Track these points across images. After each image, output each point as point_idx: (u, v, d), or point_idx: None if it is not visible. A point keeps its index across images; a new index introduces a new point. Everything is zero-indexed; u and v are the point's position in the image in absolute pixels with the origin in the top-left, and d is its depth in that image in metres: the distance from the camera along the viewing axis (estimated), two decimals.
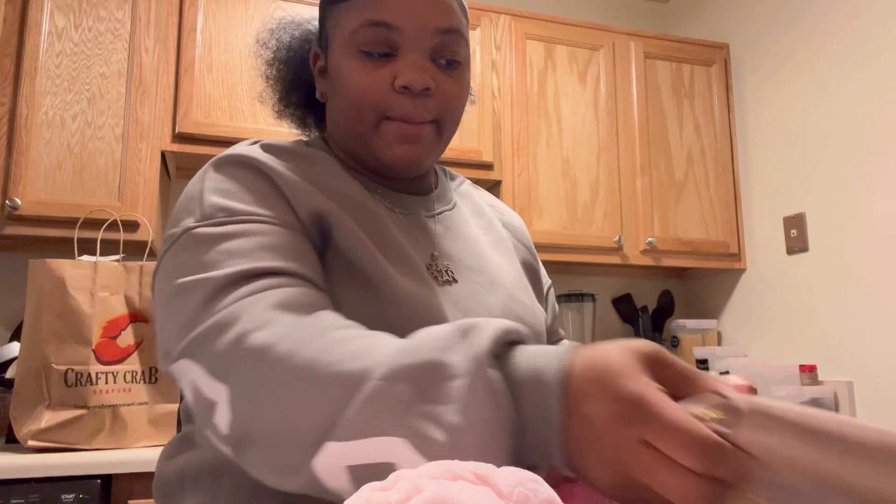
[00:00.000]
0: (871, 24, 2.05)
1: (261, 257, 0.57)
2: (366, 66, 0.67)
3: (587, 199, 2.30)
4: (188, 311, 0.55)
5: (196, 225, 0.60)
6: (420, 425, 0.43)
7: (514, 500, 0.33)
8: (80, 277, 1.55)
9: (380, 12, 0.66)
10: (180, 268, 0.58)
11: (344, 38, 0.68)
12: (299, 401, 0.46)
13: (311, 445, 0.45)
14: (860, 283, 2.04)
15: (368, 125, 0.68)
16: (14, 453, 1.45)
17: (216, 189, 0.63)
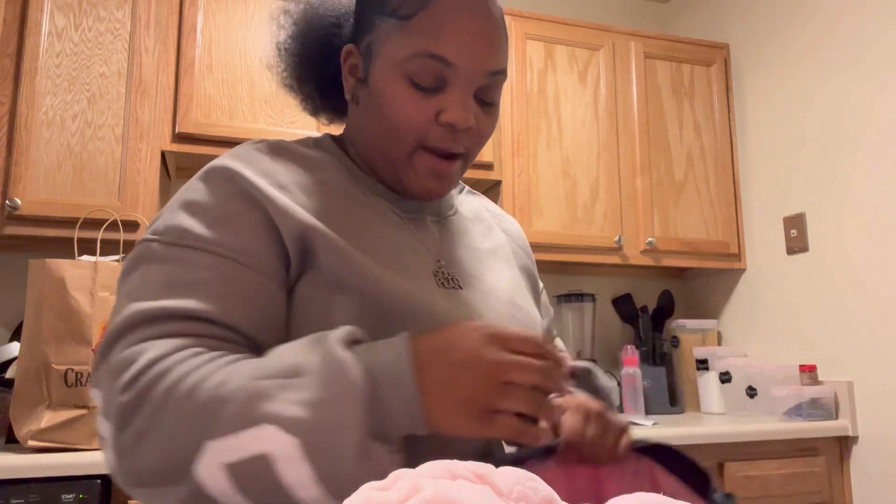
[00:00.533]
0: (872, 24, 2.05)
1: (183, 295, 0.58)
2: (414, 96, 0.66)
3: (587, 199, 2.30)
4: (113, 333, 0.58)
5: (148, 239, 0.62)
6: (284, 409, 0.48)
7: (514, 498, 0.33)
8: (80, 277, 1.55)
9: (439, 46, 0.65)
10: (123, 281, 0.62)
11: (394, 59, 0.67)
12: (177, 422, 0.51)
13: (192, 451, 0.50)
14: (860, 283, 2.04)
15: (403, 153, 0.68)
16: (14, 453, 1.44)
17: (187, 203, 0.63)
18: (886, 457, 1.94)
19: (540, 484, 0.35)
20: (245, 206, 0.63)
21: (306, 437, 0.48)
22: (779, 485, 1.92)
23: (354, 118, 0.74)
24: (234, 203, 0.63)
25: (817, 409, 2.04)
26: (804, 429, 1.96)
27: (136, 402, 0.53)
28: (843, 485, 2.02)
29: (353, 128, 0.75)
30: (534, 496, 0.34)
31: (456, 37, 0.65)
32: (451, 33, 0.65)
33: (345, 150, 0.77)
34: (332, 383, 0.49)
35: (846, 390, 2.04)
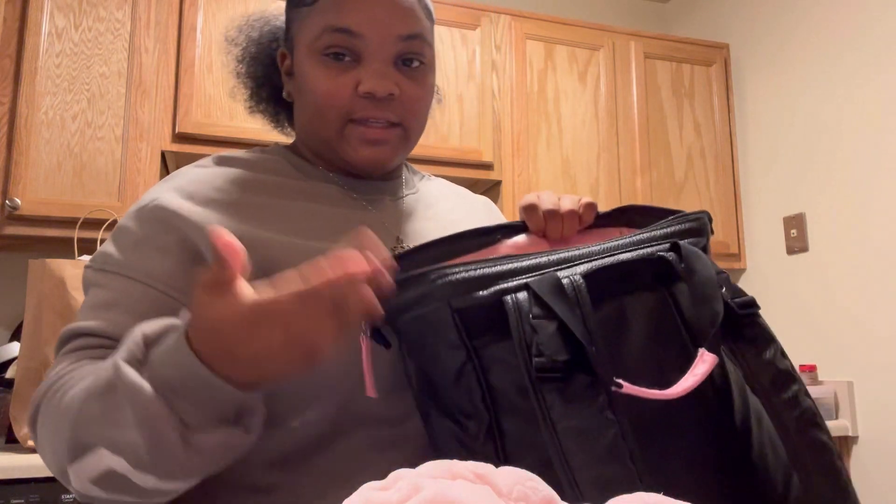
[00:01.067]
0: (872, 24, 2.05)
1: (92, 316, 0.63)
2: (329, 72, 0.68)
3: None
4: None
5: (88, 265, 0.68)
6: (108, 432, 0.52)
7: (514, 498, 0.33)
8: (79, 277, 1.54)
9: (341, 19, 0.67)
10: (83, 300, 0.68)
11: (308, 42, 0.69)
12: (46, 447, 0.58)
13: (62, 476, 0.56)
14: (860, 283, 2.04)
15: (333, 129, 0.70)
16: (14, 453, 1.45)
17: (117, 231, 0.69)
18: (886, 457, 1.94)
19: (540, 484, 0.35)
20: (159, 230, 0.66)
21: (130, 455, 0.51)
22: None
23: (295, 114, 0.77)
24: (150, 228, 0.67)
25: None
26: None
27: (31, 419, 0.61)
28: None
29: (296, 123, 0.78)
30: (534, 496, 0.34)
31: (357, 7, 0.67)
32: (351, 4, 0.67)
33: (294, 151, 0.79)
34: (135, 407, 0.50)
35: (846, 390, 2.04)
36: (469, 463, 0.36)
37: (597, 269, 0.57)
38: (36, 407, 0.60)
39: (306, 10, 0.70)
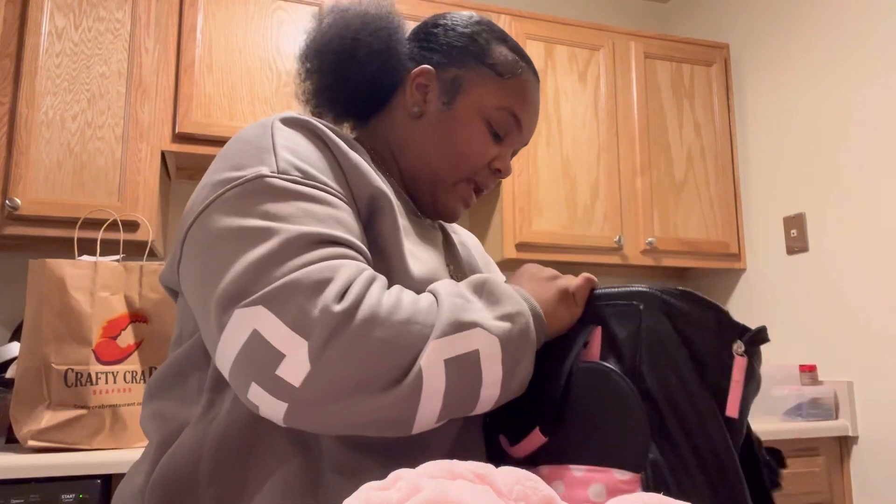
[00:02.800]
0: (872, 24, 2.05)
1: (335, 227, 0.62)
2: (486, 140, 0.81)
3: (587, 199, 2.30)
4: (264, 256, 0.57)
5: (272, 175, 0.62)
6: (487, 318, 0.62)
7: (514, 498, 0.33)
8: (80, 277, 1.55)
9: (522, 110, 0.82)
10: (251, 210, 0.60)
11: (482, 103, 0.80)
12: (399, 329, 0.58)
13: (416, 350, 0.57)
14: (860, 283, 2.04)
15: (453, 178, 0.81)
16: (14, 453, 1.44)
17: (289, 147, 0.66)
18: (886, 457, 1.94)
19: (540, 484, 0.35)
20: (330, 158, 0.69)
21: (504, 340, 0.61)
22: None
23: (407, 130, 0.82)
24: (323, 153, 0.69)
25: (817, 409, 2.04)
26: (804, 429, 1.96)
27: (349, 313, 0.56)
28: (843, 485, 2.02)
29: (400, 136, 0.82)
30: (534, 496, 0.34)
31: (530, 109, 0.83)
32: (529, 105, 0.83)
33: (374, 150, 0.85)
34: (514, 302, 0.65)
35: (846, 390, 2.04)
36: (469, 463, 0.36)
37: None
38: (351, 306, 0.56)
39: (492, 76, 0.81)
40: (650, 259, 2.34)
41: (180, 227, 0.66)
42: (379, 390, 0.56)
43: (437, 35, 0.83)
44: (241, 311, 0.56)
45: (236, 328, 0.55)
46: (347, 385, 0.55)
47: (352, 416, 0.56)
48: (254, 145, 0.65)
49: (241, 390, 0.57)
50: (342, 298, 0.56)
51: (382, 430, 0.59)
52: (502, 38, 0.84)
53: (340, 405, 0.55)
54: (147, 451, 0.69)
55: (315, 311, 0.55)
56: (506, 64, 0.82)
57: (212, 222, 0.61)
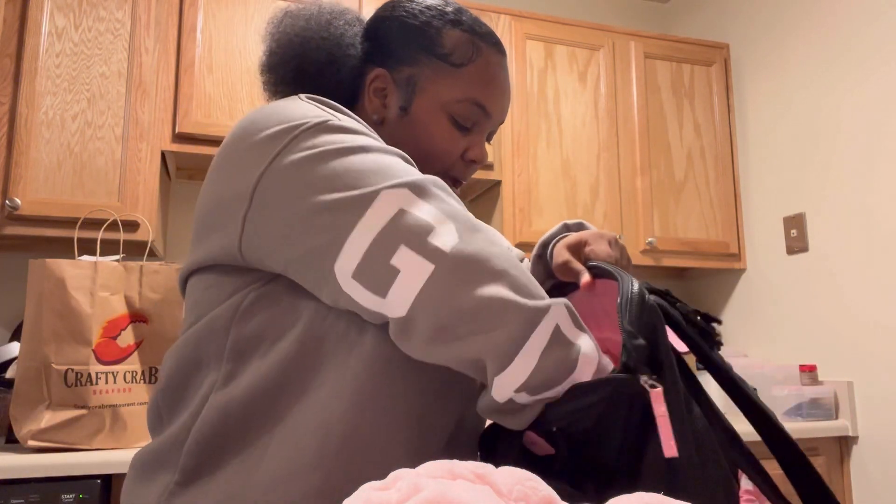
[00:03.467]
0: (872, 24, 2.05)
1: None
2: (454, 135, 0.78)
3: (587, 199, 2.30)
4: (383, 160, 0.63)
5: (335, 120, 0.65)
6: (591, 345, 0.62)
7: (514, 498, 0.33)
8: (80, 277, 1.55)
9: (485, 98, 0.78)
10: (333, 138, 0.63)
11: (441, 99, 0.77)
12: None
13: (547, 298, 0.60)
14: (860, 283, 2.04)
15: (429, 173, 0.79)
16: (14, 453, 1.45)
17: (331, 107, 0.69)
18: (886, 457, 1.94)
19: (539, 484, 0.35)
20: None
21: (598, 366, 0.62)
22: (779, 485, 1.91)
23: (385, 134, 0.81)
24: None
25: (817, 409, 2.04)
26: (804, 429, 1.96)
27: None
28: (843, 485, 2.02)
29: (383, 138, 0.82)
30: (534, 496, 0.34)
31: (495, 91, 0.79)
32: (492, 87, 0.79)
33: None
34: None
35: (846, 390, 2.04)
36: (469, 463, 0.36)
37: None
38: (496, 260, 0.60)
39: (446, 68, 0.78)
40: (650, 259, 2.34)
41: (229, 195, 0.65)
42: (514, 289, 0.58)
43: (387, 32, 0.80)
44: (387, 191, 0.60)
45: (383, 206, 0.59)
46: (490, 269, 0.58)
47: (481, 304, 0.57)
48: (294, 107, 0.67)
49: (381, 258, 0.59)
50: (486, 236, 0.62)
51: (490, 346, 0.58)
52: (455, 20, 0.79)
53: (480, 282, 0.58)
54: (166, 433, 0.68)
55: (456, 204, 0.63)
56: (460, 50, 0.78)
57: (298, 156, 0.62)
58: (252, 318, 0.65)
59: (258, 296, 0.65)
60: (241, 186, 0.64)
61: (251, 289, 0.66)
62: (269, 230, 0.62)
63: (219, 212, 0.66)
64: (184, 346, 0.69)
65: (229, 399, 0.64)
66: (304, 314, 0.65)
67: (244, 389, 0.64)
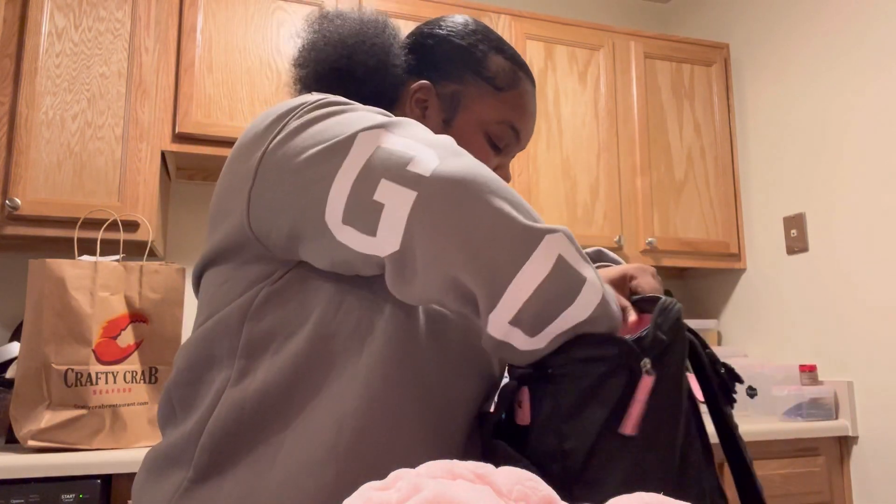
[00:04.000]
0: (872, 24, 2.05)
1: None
2: (488, 153, 0.82)
3: (587, 199, 2.30)
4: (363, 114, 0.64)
5: (333, 98, 0.67)
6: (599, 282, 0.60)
7: (514, 498, 0.33)
8: (80, 277, 1.55)
9: (521, 123, 0.83)
10: (331, 110, 0.65)
11: (482, 118, 0.82)
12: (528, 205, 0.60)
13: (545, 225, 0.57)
14: (860, 283, 2.04)
15: None
16: (14, 453, 1.45)
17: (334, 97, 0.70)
18: (886, 457, 1.94)
19: (539, 483, 0.35)
20: None
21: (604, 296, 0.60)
22: (779, 485, 1.92)
23: None
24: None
25: (817, 409, 2.04)
26: (804, 429, 1.96)
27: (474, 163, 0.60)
28: (843, 485, 2.02)
29: None
30: (533, 496, 0.34)
31: (528, 119, 0.84)
32: (527, 115, 0.84)
33: None
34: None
35: (846, 390, 2.04)
36: (469, 463, 0.36)
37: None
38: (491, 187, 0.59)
39: (490, 90, 0.82)
40: (650, 259, 2.34)
41: (238, 177, 0.67)
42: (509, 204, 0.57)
43: (434, 47, 0.84)
44: (363, 133, 0.61)
45: (360, 146, 0.60)
46: (472, 187, 0.56)
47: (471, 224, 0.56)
48: (300, 98, 0.69)
49: (364, 197, 0.59)
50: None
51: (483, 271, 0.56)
52: (499, 48, 0.84)
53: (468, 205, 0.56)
54: (178, 429, 0.69)
55: (436, 137, 0.62)
56: (504, 76, 0.83)
57: (290, 129, 0.65)
58: (265, 316, 0.66)
59: (270, 293, 0.66)
60: (246, 169, 0.66)
61: (264, 285, 0.67)
62: (270, 200, 0.64)
63: (228, 197, 0.68)
64: (197, 341, 0.70)
65: (243, 396, 0.65)
66: (315, 311, 0.65)
67: (258, 386, 0.64)
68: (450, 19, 0.86)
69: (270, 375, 0.64)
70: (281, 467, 0.62)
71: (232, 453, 0.64)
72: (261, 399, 0.64)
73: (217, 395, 0.66)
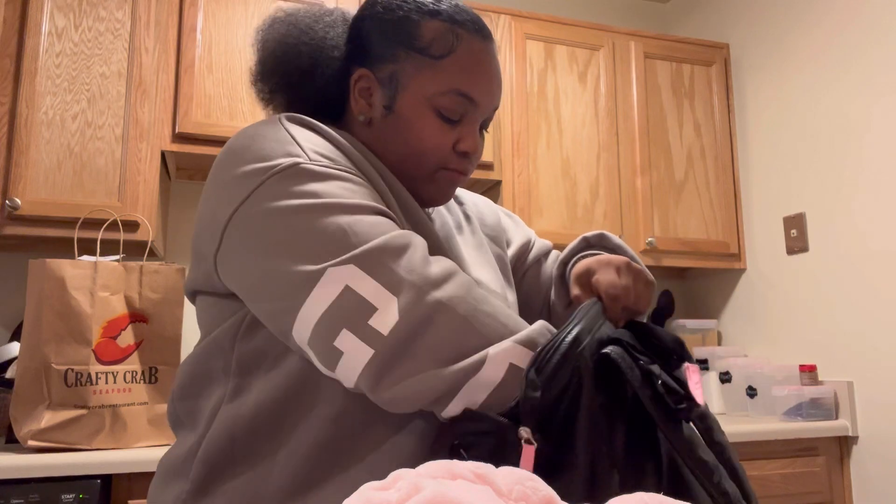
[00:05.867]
0: (872, 23, 2.05)
1: (381, 202, 0.67)
2: (441, 128, 0.76)
3: (587, 199, 2.30)
4: (341, 223, 0.63)
5: (308, 162, 0.66)
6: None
7: (514, 498, 0.33)
8: (80, 277, 1.55)
9: (469, 86, 0.75)
10: (301, 190, 0.64)
11: (426, 93, 0.75)
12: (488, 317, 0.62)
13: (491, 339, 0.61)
14: (860, 283, 2.04)
15: (426, 172, 0.77)
16: (14, 453, 1.44)
17: (307, 139, 0.70)
18: (886, 457, 1.94)
19: (540, 484, 0.35)
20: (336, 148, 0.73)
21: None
22: (779, 485, 1.92)
23: (366, 135, 0.79)
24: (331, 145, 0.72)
25: (817, 409, 2.04)
26: (804, 429, 1.96)
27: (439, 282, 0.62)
28: (843, 485, 2.02)
29: (364, 140, 0.80)
30: (534, 496, 0.34)
31: (480, 78, 0.76)
32: (476, 75, 0.75)
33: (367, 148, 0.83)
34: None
35: (846, 390, 2.04)
36: (469, 463, 0.36)
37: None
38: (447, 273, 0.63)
39: (427, 61, 0.75)
40: (650, 259, 2.34)
41: (211, 224, 0.68)
42: (446, 362, 0.59)
43: (367, 29, 0.78)
44: (333, 269, 0.60)
45: (328, 285, 0.60)
46: (424, 346, 0.59)
47: (416, 381, 0.59)
48: (272, 139, 0.69)
49: (326, 339, 0.60)
50: (429, 266, 0.62)
51: (431, 402, 0.61)
52: (433, 11, 0.76)
53: (412, 363, 0.59)
54: (184, 440, 0.72)
55: (404, 272, 0.61)
56: (440, 41, 0.75)
57: (263, 207, 0.64)
58: (254, 335, 0.68)
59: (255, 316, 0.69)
60: (215, 224, 0.67)
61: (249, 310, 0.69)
62: (234, 277, 0.67)
63: (200, 242, 0.70)
64: (195, 359, 0.73)
65: (237, 414, 0.67)
66: None
67: (251, 404, 0.66)
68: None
69: (264, 394, 0.66)
70: (275, 484, 0.64)
71: (228, 469, 0.66)
72: (254, 417, 0.66)
73: (214, 412, 0.68)
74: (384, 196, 0.72)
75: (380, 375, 0.59)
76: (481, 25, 0.78)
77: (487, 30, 0.78)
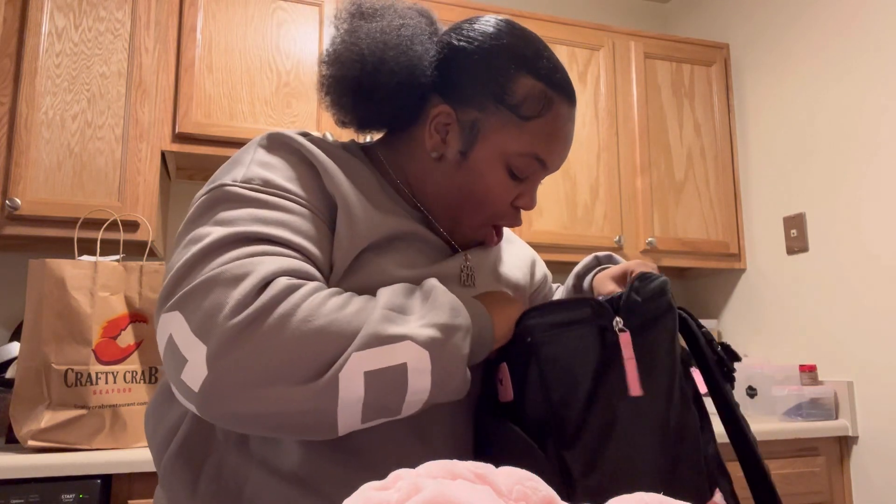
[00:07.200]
0: (872, 23, 2.05)
1: (277, 228, 0.63)
2: (508, 185, 0.75)
3: (587, 199, 2.30)
4: (189, 259, 0.59)
5: (231, 184, 0.65)
6: (420, 330, 0.60)
7: (514, 498, 0.33)
8: (80, 277, 1.55)
9: (547, 154, 0.75)
10: (206, 218, 0.63)
11: (502, 149, 0.74)
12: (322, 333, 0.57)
13: (335, 357, 0.56)
14: (860, 282, 2.04)
15: (476, 222, 0.78)
16: (14, 453, 1.45)
17: (261, 161, 0.68)
18: (886, 457, 1.94)
19: (540, 484, 0.35)
20: (307, 170, 0.70)
21: (436, 353, 0.60)
22: (779, 485, 1.92)
23: (424, 167, 0.77)
24: (300, 167, 0.69)
25: (817, 409, 2.04)
26: (804, 429, 1.96)
27: (255, 316, 0.55)
28: (843, 485, 2.02)
29: (418, 170, 0.78)
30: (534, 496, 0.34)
31: (558, 146, 0.76)
32: (556, 143, 0.75)
33: (371, 161, 0.80)
34: (453, 314, 0.63)
35: (846, 390, 2.04)
36: (469, 463, 0.36)
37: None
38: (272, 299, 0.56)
39: (514, 119, 0.73)
40: (650, 259, 2.34)
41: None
42: (292, 383, 0.55)
43: (458, 64, 0.75)
44: (163, 315, 0.58)
45: (160, 333, 0.58)
46: (250, 381, 0.55)
47: (265, 410, 0.56)
48: (234, 160, 0.70)
49: (169, 373, 0.60)
50: (258, 294, 0.57)
51: (303, 428, 0.58)
52: (531, 66, 0.74)
53: (245, 402, 0.55)
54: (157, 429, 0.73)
55: (219, 314, 0.55)
56: (531, 102, 0.73)
57: (182, 231, 0.65)
58: None
59: None
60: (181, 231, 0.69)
61: None
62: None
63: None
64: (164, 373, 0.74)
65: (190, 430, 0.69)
66: None
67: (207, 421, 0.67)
68: (479, 27, 0.76)
69: None
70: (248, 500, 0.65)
71: (196, 480, 0.67)
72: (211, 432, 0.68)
73: (174, 429, 0.70)
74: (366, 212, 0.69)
75: (218, 422, 0.58)
76: (572, 90, 0.77)
77: (574, 93, 0.77)
